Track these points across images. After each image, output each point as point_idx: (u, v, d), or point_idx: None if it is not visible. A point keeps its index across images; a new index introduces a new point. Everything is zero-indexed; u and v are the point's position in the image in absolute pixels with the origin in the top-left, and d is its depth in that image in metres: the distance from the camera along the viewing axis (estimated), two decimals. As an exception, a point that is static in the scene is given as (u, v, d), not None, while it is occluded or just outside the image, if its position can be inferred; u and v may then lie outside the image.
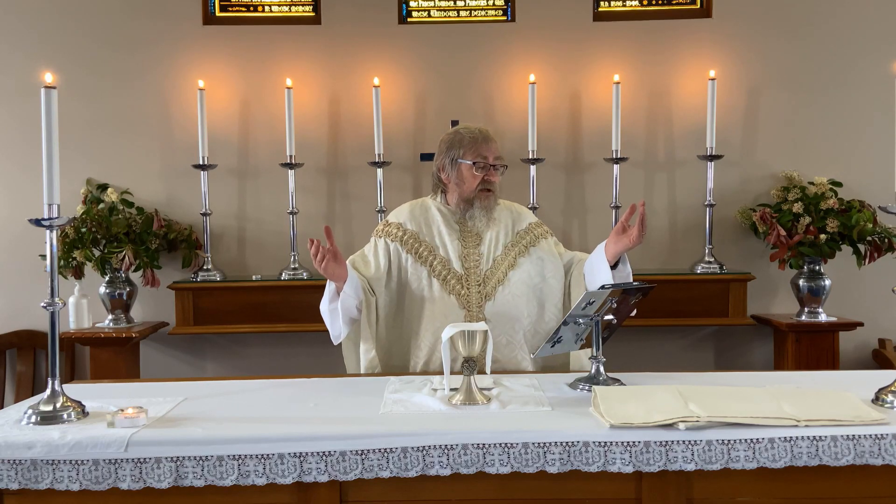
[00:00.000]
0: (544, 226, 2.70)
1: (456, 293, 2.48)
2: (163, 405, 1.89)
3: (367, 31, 4.00)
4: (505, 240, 2.57)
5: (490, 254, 2.54)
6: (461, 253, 2.52)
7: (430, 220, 2.59)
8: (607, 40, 4.01)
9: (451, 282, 2.49)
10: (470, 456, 1.62)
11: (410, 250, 2.53)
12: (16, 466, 1.60)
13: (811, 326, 3.69)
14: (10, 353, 3.98)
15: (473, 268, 2.51)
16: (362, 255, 2.60)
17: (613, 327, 2.15)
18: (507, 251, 2.55)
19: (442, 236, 2.55)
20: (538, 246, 2.59)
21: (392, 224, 2.60)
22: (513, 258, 2.54)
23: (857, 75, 3.95)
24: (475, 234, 2.56)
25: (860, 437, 1.62)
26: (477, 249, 2.54)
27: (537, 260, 2.56)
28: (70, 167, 3.67)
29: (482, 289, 2.49)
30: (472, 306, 2.47)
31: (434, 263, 2.51)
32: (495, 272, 2.51)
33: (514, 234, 2.59)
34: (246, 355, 4.02)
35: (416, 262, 2.52)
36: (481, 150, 2.50)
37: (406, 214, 2.61)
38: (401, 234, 2.56)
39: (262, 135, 4.02)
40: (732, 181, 3.99)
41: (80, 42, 3.95)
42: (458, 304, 2.46)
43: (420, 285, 2.50)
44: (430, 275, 2.50)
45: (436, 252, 2.53)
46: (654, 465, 1.62)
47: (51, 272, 1.83)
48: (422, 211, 2.61)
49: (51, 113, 1.77)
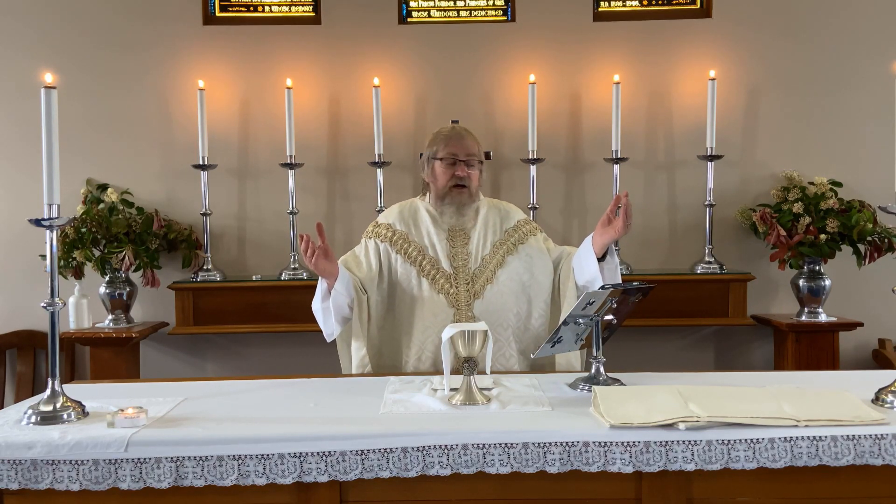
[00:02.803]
0: (532, 223, 2.71)
1: (445, 292, 2.49)
2: (163, 405, 1.89)
3: (367, 31, 4.00)
4: (493, 238, 2.58)
5: (478, 252, 2.55)
6: (449, 252, 2.54)
7: (418, 220, 2.60)
8: (607, 40, 4.01)
9: (440, 281, 2.50)
10: (470, 456, 1.62)
11: (400, 250, 2.55)
12: (16, 466, 1.60)
13: (811, 326, 3.69)
14: (10, 353, 3.98)
15: (462, 266, 2.52)
16: (353, 255, 2.61)
17: (613, 327, 2.15)
18: (495, 249, 2.56)
19: (430, 236, 2.56)
20: (527, 243, 2.60)
21: (381, 225, 2.62)
22: (501, 256, 2.55)
23: (857, 75, 3.95)
24: (463, 233, 2.57)
25: (860, 437, 1.62)
26: (465, 248, 2.55)
27: (526, 257, 2.57)
28: (70, 167, 3.66)
29: (471, 287, 2.50)
30: (462, 305, 2.48)
31: (423, 263, 2.52)
32: (484, 270, 2.52)
33: (503, 231, 2.60)
34: (246, 355, 4.02)
35: (405, 262, 2.53)
36: (451, 147, 2.54)
37: (395, 215, 2.64)
38: (390, 235, 2.58)
39: (262, 135, 4.02)
40: (732, 181, 3.99)
41: (79, 42, 3.95)
42: (447, 303, 2.48)
43: (409, 285, 2.51)
44: (420, 274, 2.51)
45: (425, 252, 2.54)
46: (654, 465, 1.62)
47: (51, 272, 1.83)
48: (411, 212, 2.63)
49: (51, 113, 1.77)
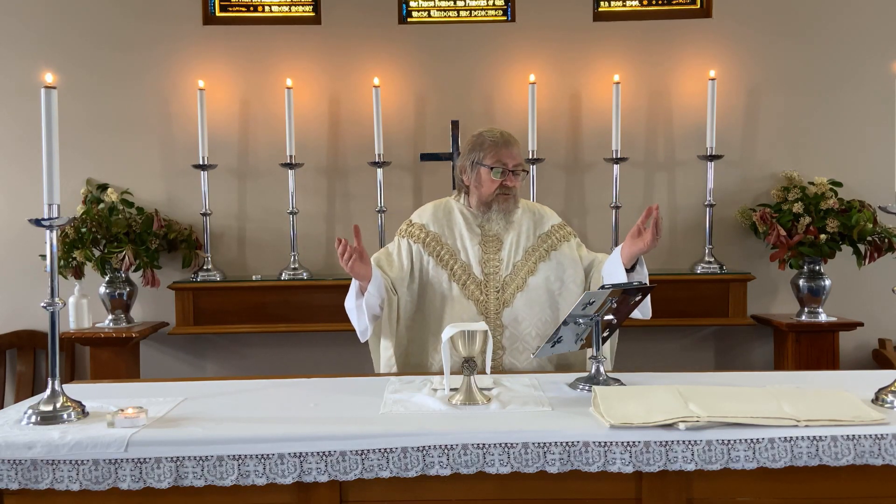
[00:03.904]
0: (567, 227, 2.67)
1: (475, 299, 2.48)
2: (163, 405, 1.89)
3: (367, 31, 4.00)
4: (526, 243, 2.56)
5: (510, 259, 2.53)
6: (481, 258, 2.53)
7: (452, 222, 2.58)
8: (607, 40, 4.01)
9: (471, 287, 2.49)
10: (470, 456, 1.62)
11: (432, 253, 2.53)
12: (16, 466, 1.60)
13: (811, 326, 3.69)
14: (10, 353, 3.98)
15: (493, 273, 2.51)
16: (387, 253, 2.59)
17: (613, 327, 2.15)
18: (527, 256, 2.54)
19: (463, 240, 2.55)
20: (559, 250, 2.58)
21: (415, 225, 2.60)
22: (533, 263, 2.54)
23: (857, 75, 3.95)
24: (496, 238, 2.55)
25: (860, 437, 1.62)
26: (497, 255, 2.54)
27: (557, 265, 2.55)
28: (70, 167, 3.67)
29: (500, 295, 2.49)
30: (490, 312, 2.48)
31: (455, 268, 2.51)
32: (514, 278, 2.51)
33: (536, 237, 2.58)
34: (246, 355, 4.02)
35: (437, 265, 2.52)
36: (501, 156, 2.49)
37: (429, 215, 2.61)
38: (423, 236, 2.56)
39: (262, 135, 4.02)
40: (732, 181, 3.99)
41: (80, 42, 3.95)
42: (476, 311, 2.47)
43: (440, 288, 2.51)
44: (451, 279, 2.51)
45: (457, 256, 2.53)
46: (654, 465, 1.62)
47: (51, 272, 1.83)
48: (445, 212, 2.61)
49: (51, 113, 1.77)
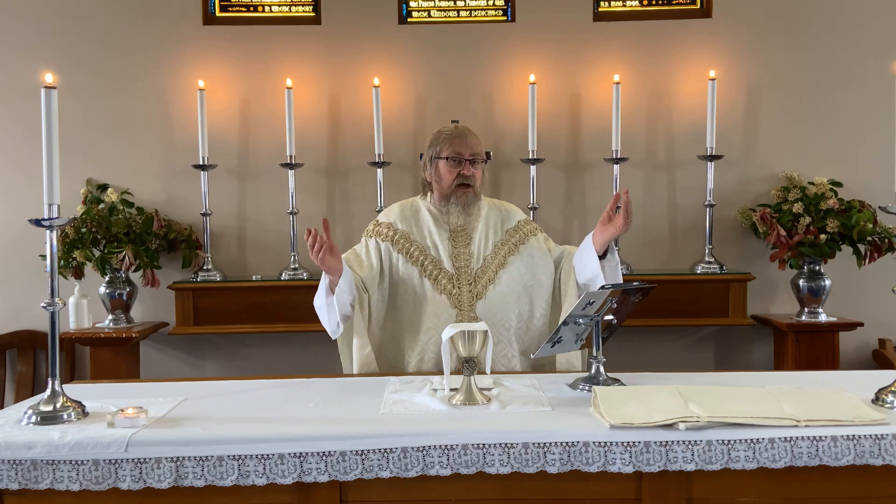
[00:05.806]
0: (533, 223, 2.71)
1: (447, 293, 2.48)
2: (163, 405, 1.89)
3: (367, 31, 4.00)
4: (495, 238, 2.58)
5: (480, 253, 2.55)
6: (452, 253, 2.53)
7: (420, 219, 2.59)
8: (607, 40, 4.01)
9: (443, 281, 2.49)
10: (470, 456, 1.62)
11: (402, 250, 2.54)
12: (16, 466, 1.60)
13: (811, 326, 3.69)
14: (10, 353, 3.98)
15: (464, 267, 2.52)
16: (354, 253, 2.60)
17: (613, 327, 2.15)
18: (496, 250, 2.56)
19: (432, 236, 2.56)
20: (528, 244, 2.60)
21: (382, 224, 2.61)
22: (503, 256, 2.55)
23: (857, 75, 3.95)
24: (465, 233, 2.57)
25: (860, 437, 1.62)
26: (467, 248, 2.55)
27: (527, 257, 2.57)
28: (70, 167, 3.67)
29: (473, 287, 2.50)
30: (464, 305, 2.47)
31: (425, 263, 2.52)
32: (486, 271, 2.52)
33: (504, 232, 2.60)
34: (246, 355, 4.02)
35: (407, 262, 2.52)
36: (456, 146, 2.53)
37: (396, 214, 2.62)
38: (391, 234, 2.57)
39: (262, 135, 4.02)
40: (732, 181, 3.99)
41: (79, 42, 3.95)
42: (449, 304, 2.47)
43: (411, 285, 2.51)
44: (422, 275, 2.50)
45: (427, 252, 2.53)
46: (654, 465, 1.62)
47: (51, 272, 1.83)
48: (412, 211, 2.62)
49: (51, 113, 1.77)
